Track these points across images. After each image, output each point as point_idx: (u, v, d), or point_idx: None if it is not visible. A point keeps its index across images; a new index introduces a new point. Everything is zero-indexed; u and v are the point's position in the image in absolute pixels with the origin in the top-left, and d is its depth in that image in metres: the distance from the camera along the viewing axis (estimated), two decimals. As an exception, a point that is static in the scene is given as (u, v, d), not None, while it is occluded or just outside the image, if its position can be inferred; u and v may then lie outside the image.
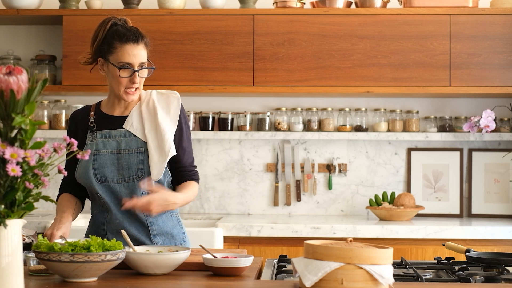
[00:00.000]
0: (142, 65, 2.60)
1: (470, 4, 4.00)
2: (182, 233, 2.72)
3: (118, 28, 2.61)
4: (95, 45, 2.64)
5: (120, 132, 2.65)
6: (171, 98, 2.69)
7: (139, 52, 2.59)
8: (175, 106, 2.67)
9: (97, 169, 2.63)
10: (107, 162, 2.63)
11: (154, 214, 2.51)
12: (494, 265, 2.29)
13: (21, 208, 1.65)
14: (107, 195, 2.64)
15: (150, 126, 2.63)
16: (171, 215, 2.69)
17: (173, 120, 2.65)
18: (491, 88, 3.98)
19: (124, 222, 2.63)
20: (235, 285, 2.03)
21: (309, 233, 3.70)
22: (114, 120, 2.68)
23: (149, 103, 2.67)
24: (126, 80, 2.59)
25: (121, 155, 2.62)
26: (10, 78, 1.62)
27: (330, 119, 4.26)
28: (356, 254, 1.81)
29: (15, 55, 4.34)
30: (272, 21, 4.02)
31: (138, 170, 2.60)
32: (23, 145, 1.64)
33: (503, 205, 4.22)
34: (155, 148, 2.60)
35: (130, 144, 2.63)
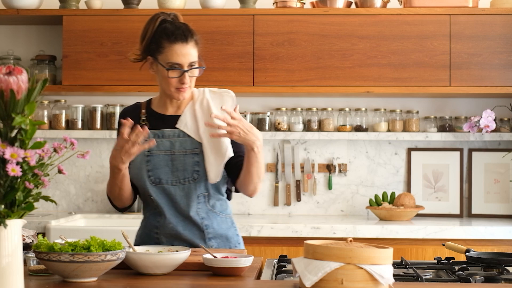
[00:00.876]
0: (192, 65, 2.52)
1: (470, 4, 4.00)
2: (236, 235, 2.65)
3: (167, 26, 2.52)
4: (144, 43, 2.55)
5: (174, 132, 2.57)
6: (225, 97, 2.59)
7: (189, 51, 2.50)
8: (229, 105, 2.56)
9: (151, 170, 2.56)
10: (161, 163, 2.55)
11: (234, 137, 2.39)
12: (494, 265, 2.29)
13: (21, 208, 1.65)
14: (161, 198, 2.57)
15: (204, 126, 2.53)
16: (225, 217, 2.62)
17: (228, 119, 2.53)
18: (491, 88, 3.98)
19: (178, 226, 2.56)
20: (235, 285, 2.03)
21: (309, 233, 3.70)
22: (166, 120, 2.60)
23: (203, 102, 2.58)
24: (176, 81, 2.51)
25: (175, 156, 2.55)
26: (10, 78, 1.62)
27: (330, 119, 4.26)
28: (356, 254, 1.81)
29: (15, 55, 4.34)
30: (272, 21, 4.02)
31: (194, 172, 2.53)
32: (23, 145, 1.64)
33: (503, 205, 4.22)
34: (211, 149, 2.51)
35: (184, 144, 2.55)
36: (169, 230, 2.57)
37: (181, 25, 2.54)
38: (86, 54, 4.07)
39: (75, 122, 4.31)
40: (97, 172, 4.38)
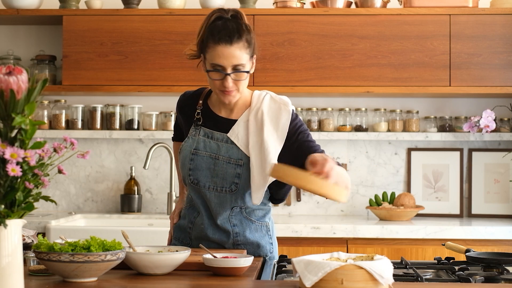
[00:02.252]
0: (237, 68, 2.38)
1: (470, 4, 4.00)
2: (270, 243, 2.58)
3: (217, 24, 2.38)
4: (198, 40, 2.44)
5: (223, 136, 2.47)
6: (282, 110, 2.44)
7: (233, 53, 2.36)
8: (284, 120, 2.43)
9: (192, 169, 2.49)
10: (203, 165, 2.47)
11: (330, 178, 2.07)
12: (494, 265, 2.29)
13: (21, 208, 1.65)
14: (197, 198, 2.53)
15: (255, 141, 2.42)
16: (260, 225, 2.55)
17: (280, 137, 2.42)
18: (491, 88, 3.98)
19: (208, 229, 2.53)
20: (235, 285, 2.03)
21: (309, 233, 3.70)
22: (219, 121, 2.51)
23: (258, 113, 2.45)
24: (219, 83, 2.39)
25: (218, 161, 2.46)
26: (10, 78, 1.62)
27: (330, 119, 4.26)
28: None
29: (15, 55, 4.34)
30: (272, 21, 4.02)
31: (233, 184, 2.45)
32: (23, 145, 1.64)
33: (503, 205, 4.22)
34: (257, 169, 2.40)
35: (230, 152, 2.45)
36: (200, 230, 2.54)
37: (233, 24, 2.39)
38: (86, 54, 4.07)
39: (75, 122, 4.31)
40: (97, 172, 4.38)
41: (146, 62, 4.05)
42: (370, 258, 1.94)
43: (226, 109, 2.52)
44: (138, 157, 4.36)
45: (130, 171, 4.30)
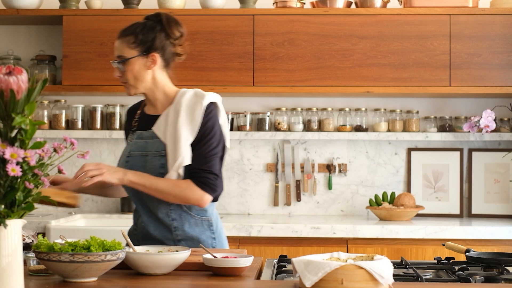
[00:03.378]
0: (118, 59, 2.61)
1: (470, 4, 4.00)
2: (213, 238, 2.62)
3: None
4: None
5: (149, 133, 2.60)
6: (197, 103, 2.55)
7: (116, 46, 2.61)
8: (198, 112, 2.53)
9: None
10: (137, 164, 2.57)
11: (106, 177, 2.43)
12: (494, 265, 2.29)
13: (21, 208, 1.65)
14: (135, 198, 2.61)
15: (171, 131, 2.54)
16: (201, 220, 2.60)
17: (194, 127, 2.53)
18: (491, 88, 3.98)
19: (149, 226, 2.59)
20: (235, 285, 2.03)
21: (309, 233, 3.70)
22: (147, 119, 2.64)
23: (177, 106, 2.57)
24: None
25: (148, 158, 2.57)
26: (10, 78, 1.62)
27: (330, 119, 4.26)
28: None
29: (15, 55, 4.34)
30: (272, 21, 4.02)
31: (159, 174, 2.53)
32: (23, 145, 1.64)
33: (503, 205, 4.22)
34: (171, 156, 2.52)
35: (155, 146, 2.56)
36: (142, 229, 2.61)
37: (134, 23, 2.62)
38: (86, 54, 4.07)
39: (75, 122, 4.31)
40: (97, 172, 4.37)
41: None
42: (370, 258, 1.94)
43: (150, 106, 2.67)
44: (138, 157, 4.36)
45: (130, 171, 4.29)
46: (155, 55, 2.58)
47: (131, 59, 2.57)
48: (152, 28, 2.58)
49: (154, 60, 2.58)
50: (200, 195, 2.50)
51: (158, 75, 2.60)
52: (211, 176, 2.51)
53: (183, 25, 2.65)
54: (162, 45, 2.59)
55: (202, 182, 2.50)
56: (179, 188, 2.49)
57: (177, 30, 2.61)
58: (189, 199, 2.50)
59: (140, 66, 2.58)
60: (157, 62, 2.59)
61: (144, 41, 2.57)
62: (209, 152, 2.53)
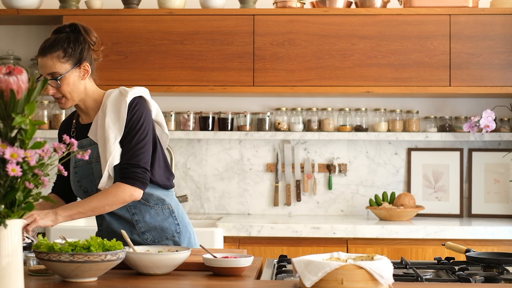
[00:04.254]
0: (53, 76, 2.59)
1: (470, 4, 4.00)
2: (176, 224, 2.68)
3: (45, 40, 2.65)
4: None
5: (88, 141, 2.64)
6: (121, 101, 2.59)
7: (44, 64, 2.61)
8: (123, 111, 2.58)
9: (80, 181, 2.66)
10: (84, 172, 2.64)
11: (40, 222, 2.48)
12: (494, 265, 2.29)
13: (21, 208, 1.65)
14: None
15: (100, 133, 2.59)
16: (161, 209, 2.66)
17: (121, 126, 2.57)
18: (491, 88, 3.98)
19: (112, 224, 2.65)
20: (235, 285, 2.03)
21: (309, 233, 3.70)
22: (82, 129, 2.68)
23: (103, 107, 2.62)
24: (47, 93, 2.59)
25: (92, 165, 2.63)
26: (10, 78, 1.62)
27: (330, 119, 4.26)
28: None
29: (15, 55, 4.34)
30: (272, 21, 4.02)
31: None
32: (23, 145, 1.64)
33: (503, 205, 4.22)
34: (103, 157, 2.57)
35: (95, 152, 2.61)
36: (106, 228, 2.66)
37: (54, 37, 2.63)
38: (86, 54, 4.06)
39: (75, 122, 4.30)
40: (97, 172, 4.38)
41: (146, 62, 4.05)
42: (370, 258, 1.94)
43: (83, 114, 2.69)
44: (138, 157, 4.36)
45: (130, 171, 4.29)
46: (86, 64, 2.62)
47: (66, 73, 2.58)
48: (76, 40, 2.62)
49: (87, 70, 2.63)
50: (131, 192, 2.53)
51: (87, 83, 2.65)
52: (139, 170, 2.55)
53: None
54: (89, 54, 2.64)
55: (130, 177, 2.54)
56: (111, 195, 2.53)
57: (94, 36, 2.67)
58: (124, 200, 2.54)
59: (74, 79, 2.60)
60: (89, 71, 2.63)
61: (73, 53, 2.60)
62: (136, 146, 2.57)
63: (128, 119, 2.57)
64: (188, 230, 2.74)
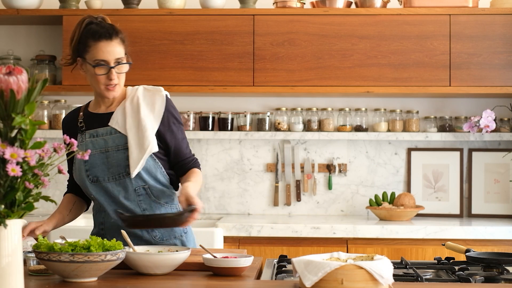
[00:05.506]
0: (118, 61, 2.60)
1: (470, 4, 4.00)
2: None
3: (92, 27, 2.60)
4: (73, 46, 2.65)
5: (106, 130, 2.65)
6: (156, 96, 2.67)
7: (113, 49, 2.59)
8: (159, 104, 2.65)
9: (89, 170, 2.64)
10: (97, 161, 2.62)
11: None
12: (494, 265, 2.29)
13: (21, 208, 1.65)
14: (101, 195, 2.64)
15: (132, 122, 2.61)
16: (170, 207, 2.68)
17: (157, 118, 2.63)
18: (491, 88, 3.98)
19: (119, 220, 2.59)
20: (235, 285, 2.03)
21: (309, 233, 3.70)
22: (100, 118, 2.68)
23: (134, 99, 2.66)
24: (104, 78, 2.59)
25: (109, 153, 2.62)
26: (10, 78, 1.62)
27: (330, 119, 4.26)
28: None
29: (15, 55, 4.34)
30: (272, 21, 4.02)
31: (126, 166, 2.60)
32: (23, 145, 1.64)
33: (503, 205, 4.22)
34: (135, 145, 2.58)
35: (116, 141, 2.62)
36: (111, 224, 2.63)
37: (106, 25, 2.63)
38: (86, 54, 4.06)
39: (75, 122, 4.30)
40: (97, 172, 4.38)
41: (146, 62, 4.05)
42: (370, 258, 1.94)
43: (106, 104, 2.70)
44: (138, 157, 4.36)
45: (130, 171, 4.29)
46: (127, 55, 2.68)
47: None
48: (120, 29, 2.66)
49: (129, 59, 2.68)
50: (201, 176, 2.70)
51: None
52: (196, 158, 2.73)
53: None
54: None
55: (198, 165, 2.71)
56: (201, 176, 2.67)
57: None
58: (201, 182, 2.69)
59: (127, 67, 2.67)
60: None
61: (125, 42, 2.66)
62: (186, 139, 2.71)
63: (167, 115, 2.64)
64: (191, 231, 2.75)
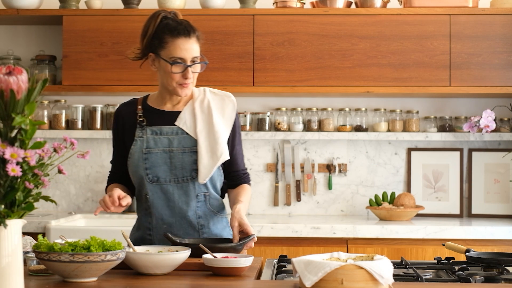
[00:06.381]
0: (195, 60, 2.51)
1: (470, 4, 4.00)
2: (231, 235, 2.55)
3: (169, 22, 2.50)
4: (146, 40, 2.54)
5: (172, 129, 2.55)
6: (226, 101, 2.59)
7: (191, 46, 2.50)
8: (230, 109, 2.58)
9: (149, 168, 2.53)
10: (159, 161, 2.53)
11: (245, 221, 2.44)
12: (494, 265, 2.29)
13: (21, 208, 1.65)
14: (158, 197, 2.54)
15: (202, 125, 2.53)
16: (221, 217, 2.61)
17: (228, 124, 2.57)
18: (491, 88, 3.98)
19: (172, 227, 2.54)
20: (235, 285, 2.03)
21: (309, 233, 3.70)
22: (165, 115, 2.58)
23: (204, 101, 2.58)
24: (179, 76, 2.49)
25: (173, 154, 2.53)
26: (10, 78, 1.62)
27: (330, 119, 4.26)
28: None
29: (15, 55, 4.34)
30: (272, 21, 4.02)
31: (192, 171, 2.52)
32: (23, 145, 1.64)
33: (503, 205, 4.22)
34: (206, 150, 2.50)
35: (183, 142, 2.53)
36: (163, 230, 2.52)
37: (183, 21, 2.54)
38: (86, 54, 4.07)
39: (75, 122, 4.31)
40: (97, 172, 4.38)
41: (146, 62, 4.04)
42: (370, 258, 1.94)
43: (172, 103, 2.61)
44: (138, 157, 4.36)
45: (130, 171, 4.29)
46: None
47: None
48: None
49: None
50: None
51: None
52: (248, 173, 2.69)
53: None
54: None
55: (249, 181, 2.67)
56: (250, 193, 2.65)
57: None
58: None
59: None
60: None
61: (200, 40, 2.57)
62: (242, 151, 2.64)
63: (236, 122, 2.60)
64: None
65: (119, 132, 2.65)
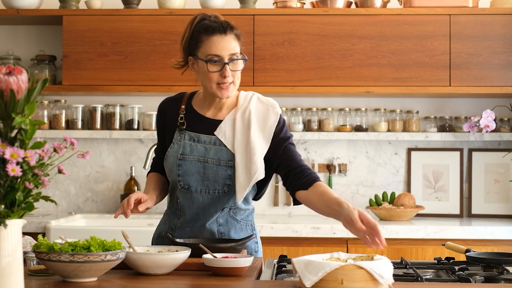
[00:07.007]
0: (233, 57, 2.39)
1: (470, 4, 4.00)
2: (255, 242, 2.56)
3: (205, 22, 2.42)
4: (183, 44, 2.46)
5: (210, 138, 2.46)
6: (270, 111, 2.46)
7: (228, 43, 2.38)
8: (271, 122, 2.45)
9: (181, 175, 2.47)
10: (191, 169, 2.45)
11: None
12: (494, 265, 2.29)
13: (21, 208, 1.65)
14: (187, 204, 2.49)
15: (240, 140, 2.42)
16: (245, 224, 2.55)
17: (267, 138, 2.44)
18: (491, 88, 3.98)
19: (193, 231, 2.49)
20: (235, 285, 2.03)
21: (309, 233, 3.70)
22: (206, 122, 2.49)
23: (246, 112, 2.45)
24: (217, 75, 2.38)
25: (208, 165, 2.44)
26: (10, 78, 1.62)
27: (330, 119, 4.26)
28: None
29: (15, 55, 4.34)
30: (272, 21, 4.02)
31: (225, 185, 2.44)
32: (23, 145, 1.64)
33: (503, 205, 4.22)
34: (242, 168, 2.41)
35: (219, 154, 2.44)
36: (185, 233, 2.51)
37: (220, 20, 2.44)
38: (86, 54, 4.07)
39: (75, 122, 4.31)
40: (97, 172, 4.38)
41: (146, 62, 4.05)
42: (370, 258, 1.94)
43: (214, 109, 2.50)
44: (138, 157, 4.36)
45: (130, 171, 4.30)
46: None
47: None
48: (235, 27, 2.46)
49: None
50: None
51: None
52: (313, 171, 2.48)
53: None
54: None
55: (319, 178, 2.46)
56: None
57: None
58: None
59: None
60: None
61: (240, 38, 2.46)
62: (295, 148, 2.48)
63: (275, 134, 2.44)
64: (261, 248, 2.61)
65: (161, 126, 2.58)
